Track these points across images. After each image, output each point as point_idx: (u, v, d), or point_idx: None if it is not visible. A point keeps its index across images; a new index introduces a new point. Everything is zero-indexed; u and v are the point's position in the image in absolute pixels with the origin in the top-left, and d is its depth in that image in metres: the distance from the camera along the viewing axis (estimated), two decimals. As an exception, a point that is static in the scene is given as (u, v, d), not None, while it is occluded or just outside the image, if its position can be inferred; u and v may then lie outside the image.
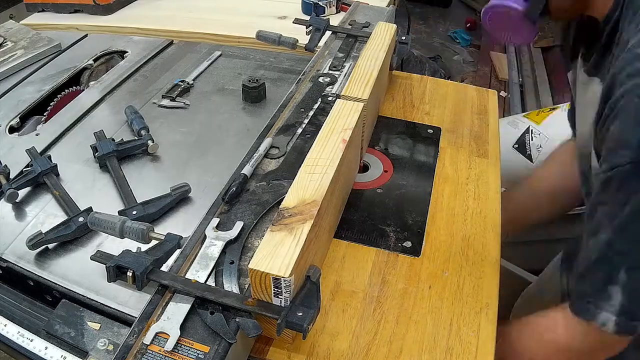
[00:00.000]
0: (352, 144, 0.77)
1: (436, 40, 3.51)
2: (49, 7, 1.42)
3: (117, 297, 0.68)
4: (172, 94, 1.07)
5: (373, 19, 1.15)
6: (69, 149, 0.95)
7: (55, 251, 0.75)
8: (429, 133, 1.02)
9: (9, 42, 1.23)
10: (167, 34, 1.31)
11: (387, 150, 0.97)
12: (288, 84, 1.10)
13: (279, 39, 1.14)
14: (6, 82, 1.13)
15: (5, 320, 0.68)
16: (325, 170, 0.68)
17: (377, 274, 0.74)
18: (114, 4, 1.40)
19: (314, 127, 0.84)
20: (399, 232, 0.80)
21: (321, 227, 0.68)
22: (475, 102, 1.11)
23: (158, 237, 0.65)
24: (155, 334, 0.55)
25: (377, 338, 0.67)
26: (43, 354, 0.64)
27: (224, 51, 1.23)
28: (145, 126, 0.95)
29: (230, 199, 0.71)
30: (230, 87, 1.11)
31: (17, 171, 0.86)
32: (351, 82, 0.87)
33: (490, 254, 0.78)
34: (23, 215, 0.81)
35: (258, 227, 0.69)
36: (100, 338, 0.64)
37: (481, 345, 0.66)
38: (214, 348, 0.54)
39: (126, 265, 0.59)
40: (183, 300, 0.58)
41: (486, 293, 0.72)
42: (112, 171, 0.87)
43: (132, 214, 0.77)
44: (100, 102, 1.07)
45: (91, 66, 1.21)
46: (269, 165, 0.79)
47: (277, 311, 0.56)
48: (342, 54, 1.03)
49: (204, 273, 0.62)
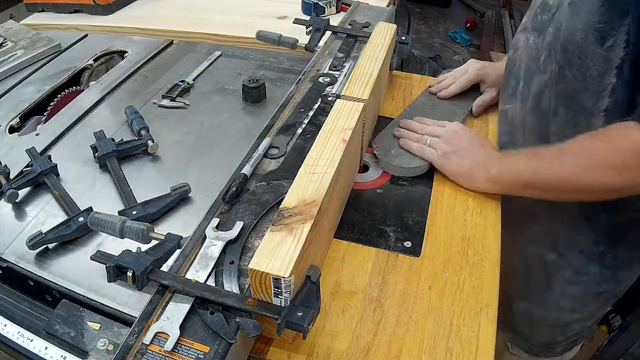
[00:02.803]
0: (352, 144, 0.77)
1: (436, 40, 3.51)
2: (49, 7, 1.42)
3: (117, 297, 0.68)
4: (172, 94, 1.07)
5: (373, 19, 1.15)
6: (69, 149, 0.95)
7: (55, 251, 0.75)
8: (429, 133, 1.02)
9: (9, 42, 1.23)
10: (167, 34, 1.31)
11: (387, 150, 0.97)
12: (288, 84, 1.10)
13: (279, 39, 1.14)
14: (6, 82, 1.13)
15: (5, 320, 0.68)
16: (325, 170, 0.68)
17: (377, 274, 0.74)
18: (114, 4, 1.40)
19: (314, 127, 0.84)
20: (399, 232, 0.81)
21: (321, 227, 0.68)
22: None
23: (158, 237, 0.65)
24: (155, 334, 0.55)
25: (377, 338, 0.67)
26: (43, 354, 0.64)
27: (224, 51, 1.23)
28: (145, 126, 0.95)
29: (231, 199, 0.71)
30: (230, 87, 1.11)
31: (17, 171, 0.86)
32: (351, 82, 0.87)
33: (490, 254, 0.78)
34: (23, 215, 0.81)
35: (258, 227, 0.69)
36: (100, 338, 0.64)
37: (481, 345, 0.66)
38: (214, 348, 0.54)
39: (126, 265, 0.59)
40: (183, 300, 0.58)
41: (486, 293, 0.72)
42: (112, 171, 0.87)
43: (132, 214, 0.77)
44: (100, 102, 1.07)
45: (91, 66, 1.21)
46: (269, 165, 0.79)
47: (277, 311, 0.56)
48: (342, 54, 1.03)
49: (204, 273, 0.62)
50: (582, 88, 0.80)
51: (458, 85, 1.08)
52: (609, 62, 0.75)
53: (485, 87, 1.09)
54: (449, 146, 0.88)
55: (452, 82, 1.09)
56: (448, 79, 1.10)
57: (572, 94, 0.82)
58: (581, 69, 0.78)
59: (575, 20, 0.77)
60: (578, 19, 0.76)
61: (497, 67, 1.09)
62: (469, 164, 0.86)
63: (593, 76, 0.78)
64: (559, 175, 0.77)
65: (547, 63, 0.86)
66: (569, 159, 0.76)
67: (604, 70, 0.76)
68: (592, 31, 0.74)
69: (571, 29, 0.78)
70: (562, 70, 0.82)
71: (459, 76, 1.09)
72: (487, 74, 1.08)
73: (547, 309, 1.08)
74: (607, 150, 0.73)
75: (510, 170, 0.83)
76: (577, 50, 0.78)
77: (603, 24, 0.73)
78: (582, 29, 0.76)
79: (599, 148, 0.74)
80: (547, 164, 0.79)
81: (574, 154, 0.76)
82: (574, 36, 0.77)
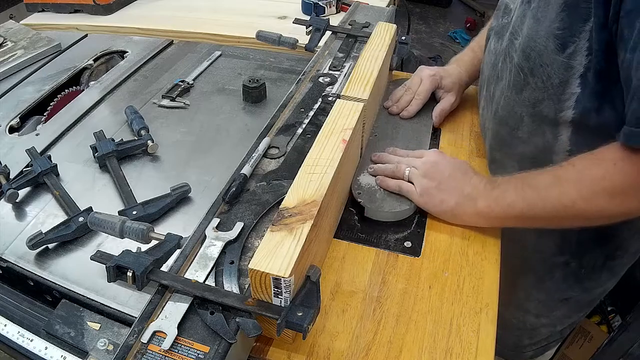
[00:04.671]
0: (352, 144, 0.77)
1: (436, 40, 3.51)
2: (49, 7, 1.42)
3: (117, 297, 0.68)
4: (172, 94, 1.07)
5: (373, 19, 1.15)
6: (69, 149, 0.95)
7: (55, 251, 0.75)
8: (429, 133, 1.02)
9: (9, 42, 1.23)
10: (167, 34, 1.31)
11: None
12: (288, 84, 1.10)
13: (279, 39, 1.14)
14: (6, 82, 1.13)
15: (5, 320, 0.68)
16: (325, 170, 0.68)
17: (377, 274, 0.74)
18: (114, 4, 1.41)
19: (314, 127, 0.84)
20: (399, 232, 0.80)
21: (321, 227, 0.68)
22: (475, 102, 1.11)
23: (158, 237, 0.65)
24: (153, 333, 0.55)
25: (377, 338, 0.67)
26: (43, 354, 0.64)
27: (224, 51, 1.23)
28: (145, 126, 0.95)
29: (231, 199, 0.71)
30: (230, 87, 1.11)
31: (17, 171, 0.86)
32: (351, 82, 0.87)
33: (490, 254, 0.78)
34: (23, 215, 0.81)
35: (258, 227, 0.69)
36: (100, 338, 0.64)
37: (481, 345, 0.66)
38: (214, 348, 0.54)
39: (126, 265, 0.59)
40: (181, 300, 0.58)
41: (486, 293, 0.72)
42: (112, 171, 0.87)
43: (132, 214, 0.77)
44: (100, 102, 1.07)
45: (91, 66, 1.21)
46: (269, 165, 0.79)
47: (277, 311, 0.56)
48: (342, 54, 1.03)
49: (204, 273, 0.62)
50: (544, 97, 0.76)
51: (419, 101, 1.00)
52: (570, 70, 0.71)
53: (442, 93, 1.03)
54: (429, 180, 0.79)
55: (410, 97, 1.01)
56: (405, 95, 1.02)
57: (535, 103, 0.78)
58: (542, 77, 0.75)
59: (535, 26, 0.74)
60: (538, 24, 0.73)
61: (449, 72, 1.04)
62: (454, 199, 0.78)
63: (554, 85, 0.74)
64: (557, 206, 0.70)
65: (504, 69, 0.83)
66: (569, 188, 0.69)
67: (566, 78, 0.72)
68: (552, 38, 0.71)
69: (532, 35, 0.74)
70: (526, 78, 0.78)
71: (416, 88, 1.01)
72: (442, 78, 1.02)
73: (513, 312, 1.06)
74: (611, 177, 0.66)
75: (500, 205, 0.75)
76: (537, 57, 0.74)
77: (563, 30, 0.69)
78: (543, 35, 0.72)
79: (599, 175, 0.67)
80: (543, 195, 0.71)
81: (573, 182, 0.69)
82: (536, 42, 0.74)
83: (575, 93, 0.73)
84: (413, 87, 1.01)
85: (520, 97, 0.81)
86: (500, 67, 0.86)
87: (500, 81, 0.85)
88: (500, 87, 0.86)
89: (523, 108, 0.81)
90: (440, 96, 1.03)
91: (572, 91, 0.73)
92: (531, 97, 0.78)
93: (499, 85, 0.86)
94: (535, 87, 0.77)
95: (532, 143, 0.83)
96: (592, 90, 0.71)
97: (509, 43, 0.81)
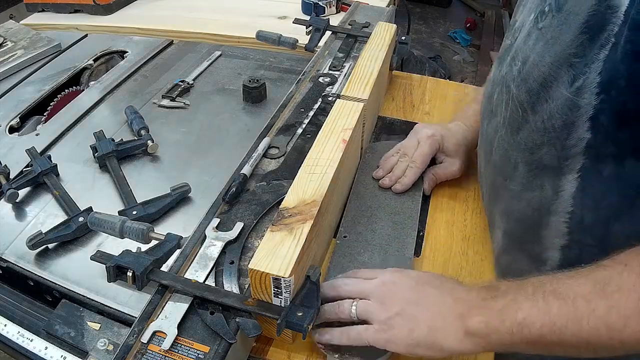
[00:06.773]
0: (352, 144, 0.77)
1: (436, 40, 3.51)
2: (49, 7, 1.42)
3: (117, 297, 0.68)
4: (172, 94, 1.07)
5: (373, 19, 1.15)
6: (69, 149, 0.95)
7: (55, 251, 0.75)
8: (429, 133, 1.01)
9: (9, 42, 1.23)
10: (167, 34, 1.31)
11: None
12: (288, 84, 1.10)
13: (279, 39, 1.14)
14: (6, 82, 1.13)
15: (5, 320, 0.68)
16: (325, 170, 0.68)
17: (377, 274, 0.74)
18: (114, 4, 1.40)
19: (314, 127, 0.84)
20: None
21: (321, 227, 0.68)
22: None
23: (158, 237, 0.65)
24: (153, 333, 0.55)
25: (377, 338, 0.66)
26: (43, 354, 0.64)
27: (224, 51, 1.23)
28: (145, 126, 0.95)
29: (231, 199, 0.71)
30: (230, 87, 1.11)
31: (17, 171, 0.86)
32: (351, 82, 0.87)
33: (491, 254, 0.78)
34: (23, 215, 0.81)
35: (258, 227, 0.69)
36: (100, 338, 0.64)
37: (481, 345, 0.65)
38: (214, 348, 0.55)
39: (126, 265, 0.59)
40: (181, 300, 0.59)
41: (486, 293, 0.72)
42: (112, 171, 0.87)
43: (132, 214, 0.77)
44: (100, 102, 1.07)
45: (91, 66, 1.21)
46: (269, 165, 0.79)
47: (277, 311, 0.56)
48: (342, 54, 1.03)
49: (204, 273, 0.62)
50: (543, 142, 0.58)
51: (415, 170, 0.83)
52: (576, 109, 0.53)
53: (443, 158, 0.86)
54: (388, 308, 0.58)
55: (406, 164, 0.84)
56: (400, 163, 0.84)
57: (532, 148, 0.60)
58: (543, 116, 0.57)
59: (542, 49, 0.57)
60: (547, 48, 0.56)
61: (452, 131, 0.86)
62: (426, 322, 0.57)
63: (556, 127, 0.55)
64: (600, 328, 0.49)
65: (499, 103, 0.66)
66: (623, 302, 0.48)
67: (572, 120, 0.53)
68: (565, 66, 0.53)
69: (537, 61, 0.57)
70: (525, 115, 0.60)
71: (411, 153, 0.84)
72: (443, 139, 0.85)
73: None
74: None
75: (506, 321, 0.53)
76: (541, 89, 0.56)
77: (580, 58, 0.51)
78: (551, 61, 0.55)
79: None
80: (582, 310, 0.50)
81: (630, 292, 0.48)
82: (541, 71, 0.56)
83: (585, 139, 0.54)
84: (408, 151, 0.85)
85: (516, 139, 0.62)
86: (495, 100, 0.68)
87: (495, 117, 0.68)
88: (493, 125, 0.68)
89: (518, 153, 0.62)
90: (441, 161, 0.87)
91: (580, 136, 0.54)
92: (529, 139, 0.60)
93: (492, 123, 0.69)
94: (535, 127, 0.59)
95: (525, 199, 0.63)
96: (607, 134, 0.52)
97: (509, 70, 0.64)
